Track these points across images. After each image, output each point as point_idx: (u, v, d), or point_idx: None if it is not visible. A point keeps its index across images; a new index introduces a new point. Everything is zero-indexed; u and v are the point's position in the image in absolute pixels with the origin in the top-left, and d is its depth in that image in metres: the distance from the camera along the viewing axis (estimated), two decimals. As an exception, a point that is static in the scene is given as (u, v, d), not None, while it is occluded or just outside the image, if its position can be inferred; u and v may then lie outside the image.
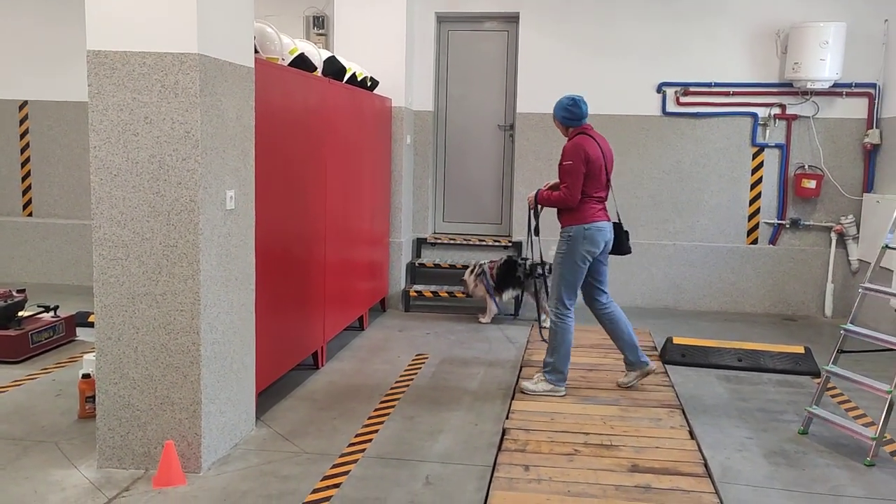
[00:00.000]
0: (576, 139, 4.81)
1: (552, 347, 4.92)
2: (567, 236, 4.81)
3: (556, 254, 4.91)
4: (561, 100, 4.90)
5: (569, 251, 4.80)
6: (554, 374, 4.90)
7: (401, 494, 3.57)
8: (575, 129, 4.88)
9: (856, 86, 7.31)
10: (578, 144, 4.76)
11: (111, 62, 3.53)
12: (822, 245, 7.58)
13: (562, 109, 4.87)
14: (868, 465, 4.00)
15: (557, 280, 4.87)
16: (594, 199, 4.81)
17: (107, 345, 3.68)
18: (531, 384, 4.94)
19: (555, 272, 4.92)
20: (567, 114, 4.86)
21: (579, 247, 4.77)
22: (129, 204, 3.59)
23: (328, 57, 5.62)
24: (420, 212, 8.08)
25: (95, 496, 3.48)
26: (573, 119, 4.86)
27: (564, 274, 4.83)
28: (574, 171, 4.71)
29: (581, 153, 4.72)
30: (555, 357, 4.89)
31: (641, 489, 3.60)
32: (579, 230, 4.77)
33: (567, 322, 4.88)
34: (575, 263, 4.80)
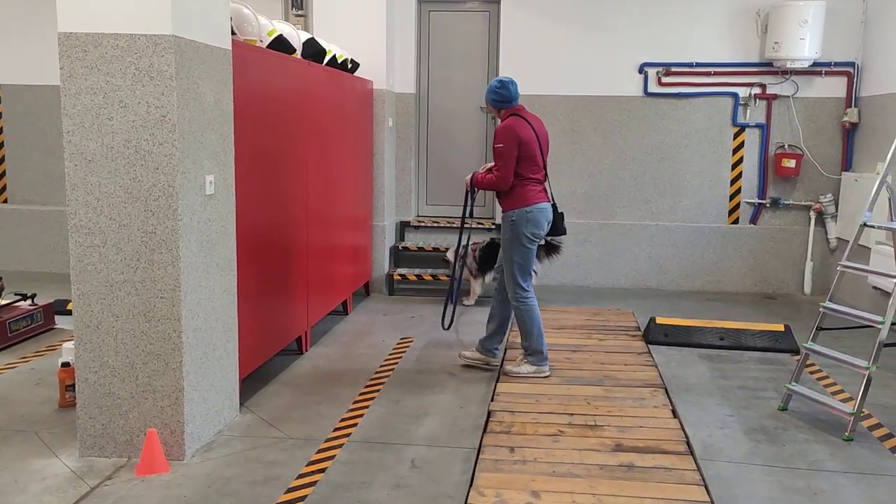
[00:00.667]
0: (507, 121, 4.78)
1: (524, 331, 4.94)
2: (511, 221, 4.80)
3: (502, 240, 4.91)
4: (491, 83, 4.89)
5: (514, 235, 4.80)
6: (534, 355, 4.94)
7: (386, 478, 3.57)
8: (507, 110, 4.85)
9: (835, 65, 7.34)
10: (510, 126, 4.73)
11: (83, 44, 3.45)
12: (802, 224, 7.64)
13: (491, 92, 4.84)
14: (846, 440, 4.06)
15: (510, 265, 4.87)
16: (532, 181, 4.80)
17: (86, 333, 3.64)
18: (514, 367, 4.97)
19: (505, 258, 4.91)
20: (496, 96, 4.83)
21: (524, 229, 4.78)
22: (105, 190, 3.54)
23: (307, 39, 5.55)
24: (403, 195, 8.04)
25: (77, 485, 3.45)
26: (503, 101, 4.84)
27: (514, 258, 4.84)
28: (506, 153, 4.69)
29: (512, 135, 4.70)
30: (530, 340, 4.92)
31: (625, 468, 3.63)
32: (522, 213, 4.77)
33: (529, 303, 4.90)
34: (523, 246, 4.81)
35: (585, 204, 7.82)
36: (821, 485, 3.57)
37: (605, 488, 3.42)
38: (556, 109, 7.75)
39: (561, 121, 7.74)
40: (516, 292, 4.90)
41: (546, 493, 3.38)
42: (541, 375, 4.92)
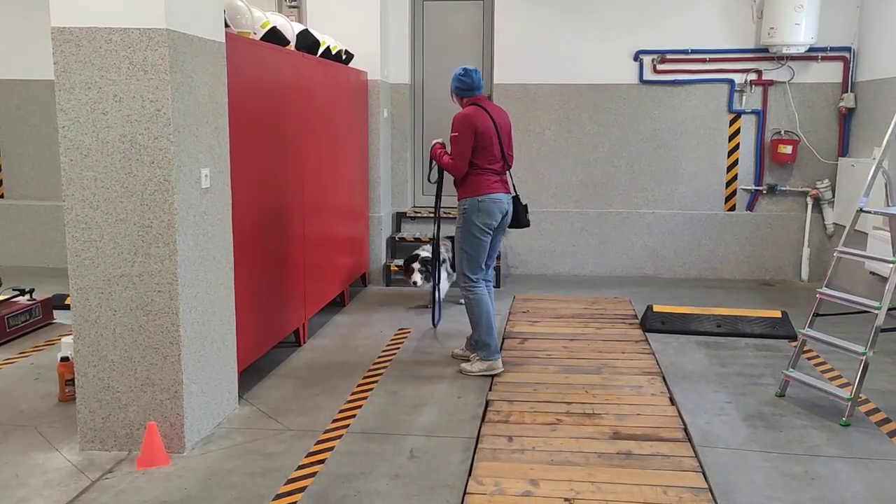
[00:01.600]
0: (466, 110, 4.78)
1: (472, 322, 4.88)
2: (463, 209, 4.80)
3: (455, 228, 4.90)
4: (455, 70, 4.88)
5: (465, 224, 4.78)
6: (483, 349, 4.84)
7: (385, 468, 3.59)
8: (469, 99, 4.84)
9: (831, 50, 7.33)
10: (467, 116, 4.72)
11: (76, 39, 3.44)
12: (799, 210, 7.64)
13: (455, 80, 4.84)
14: (844, 425, 4.08)
15: (459, 254, 4.88)
16: (488, 171, 4.77)
17: (84, 327, 3.64)
18: (468, 366, 4.88)
19: (456, 246, 4.93)
20: (460, 84, 4.83)
21: (475, 218, 4.75)
22: (101, 185, 3.54)
23: (301, 30, 5.53)
24: (399, 186, 8.04)
25: (78, 478, 3.46)
26: (466, 90, 4.83)
27: (464, 247, 4.82)
28: (461, 141, 4.69)
29: (468, 124, 4.69)
30: (478, 331, 4.84)
31: (623, 456, 3.65)
32: (473, 202, 4.75)
33: (478, 293, 4.84)
34: (473, 236, 4.78)
35: (581, 193, 7.82)
36: (818, 470, 3.59)
37: (603, 476, 3.44)
38: (551, 98, 7.74)
39: (556, 109, 7.74)
40: (464, 282, 4.87)
41: (544, 481, 3.40)
42: (493, 372, 4.79)
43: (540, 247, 7.89)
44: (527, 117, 7.76)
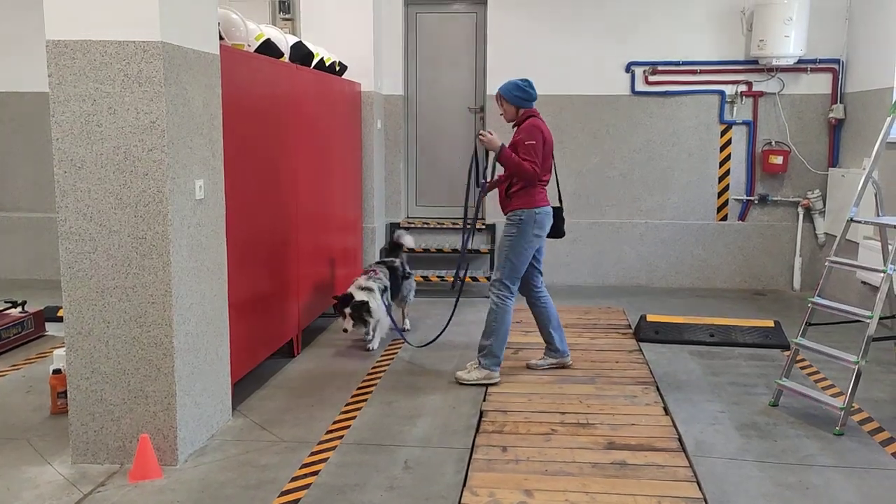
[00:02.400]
0: (532, 120, 4.80)
1: (490, 330, 4.84)
2: (518, 220, 4.78)
3: (504, 237, 4.88)
4: (513, 81, 4.86)
5: (519, 234, 4.78)
6: (489, 358, 4.84)
7: (380, 480, 3.58)
8: (526, 110, 4.86)
9: (820, 61, 7.40)
10: (536, 125, 4.77)
11: (71, 52, 3.45)
12: (790, 220, 7.69)
13: (516, 89, 4.81)
14: (837, 434, 4.09)
15: (504, 263, 4.84)
16: (543, 183, 4.83)
17: (77, 339, 3.63)
18: (465, 374, 4.88)
19: (501, 255, 4.89)
20: (522, 94, 4.82)
21: (530, 230, 4.78)
22: (94, 196, 3.53)
23: (295, 42, 5.56)
24: (392, 196, 8.05)
25: (70, 492, 3.44)
26: (526, 100, 4.84)
27: (511, 257, 4.81)
28: (538, 149, 4.71)
29: (540, 134, 4.74)
30: (492, 340, 4.82)
31: (617, 466, 3.65)
32: (531, 214, 4.77)
33: (508, 305, 4.85)
34: (523, 248, 4.80)
35: (574, 203, 7.84)
36: (812, 479, 3.60)
37: (597, 486, 3.44)
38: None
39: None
40: (501, 290, 4.85)
41: (539, 491, 3.39)
42: (490, 382, 4.80)
43: (533, 257, 7.91)
44: (520, 128, 7.78)
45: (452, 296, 7.32)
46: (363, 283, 5.58)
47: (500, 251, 4.93)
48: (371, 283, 5.58)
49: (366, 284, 5.55)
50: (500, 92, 4.86)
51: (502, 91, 4.85)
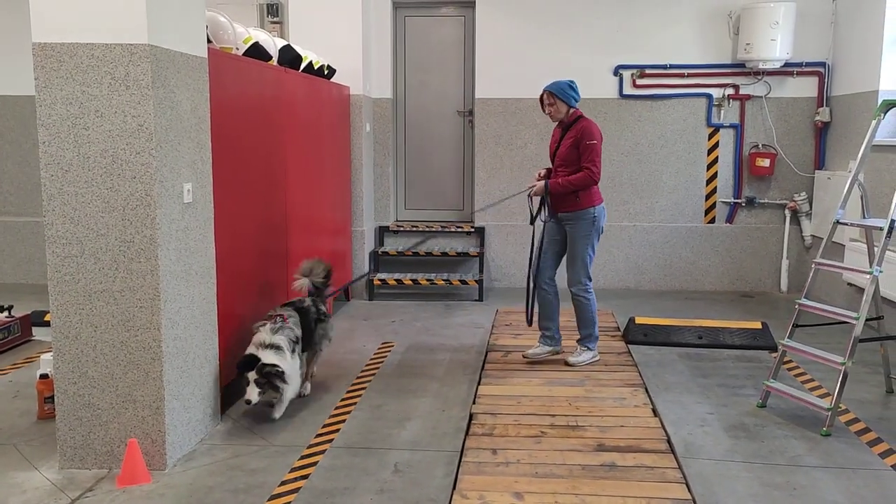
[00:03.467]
0: (588, 121, 5.06)
1: (588, 320, 5.25)
2: (592, 217, 5.09)
3: (578, 235, 5.11)
4: (563, 81, 5.06)
5: (595, 230, 5.12)
6: (593, 341, 5.31)
7: (370, 483, 3.58)
8: (575, 110, 5.09)
9: (806, 65, 7.45)
10: (597, 126, 5.06)
11: (58, 54, 3.43)
12: (777, 222, 7.74)
13: (569, 88, 5.05)
14: (824, 434, 4.12)
15: (583, 259, 5.14)
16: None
17: (64, 344, 3.61)
18: (575, 357, 5.26)
19: (579, 253, 5.14)
20: (573, 93, 5.05)
21: (600, 224, 5.15)
22: (82, 200, 3.52)
23: (283, 45, 5.55)
24: (381, 200, 8.05)
25: (58, 497, 3.42)
26: (576, 99, 5.07)
27: (590, 253, 5.16)
28: (599, 149, 5.01)
29: (599, 134, 5.03)
30: (592, 328, 5.27)
31: (607, 467, 3.66)
32: (601, 209, 5.14)
33: (592, 293, 5.25)
34: (595, 241, 5.17)
35: (564, 206, 7.86)
36: (800, 480, 3.62)
37: (587, 488, 3.45)
38: (532, 112, 7.79)
39: (537, 123, 7.79)
40: (584, 283, 5.18)
41: (529, 494, 3.40)
42: (595, 360, 5.30)
43: (523, 260, 7.90)
44: (508, 131, 7.81)
45: (441, 299, 7.35)
46: (268, 339, 4.24)
47: (577, 251, 5.14)
48: (278, 338, 4.26)
49: (271, 340, 4.23)
50: (551, 90, 5.04)
51: (554, 90, 5.03)
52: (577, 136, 4.98)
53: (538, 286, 5.32)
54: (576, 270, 5.18)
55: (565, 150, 5.05)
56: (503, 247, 7.92)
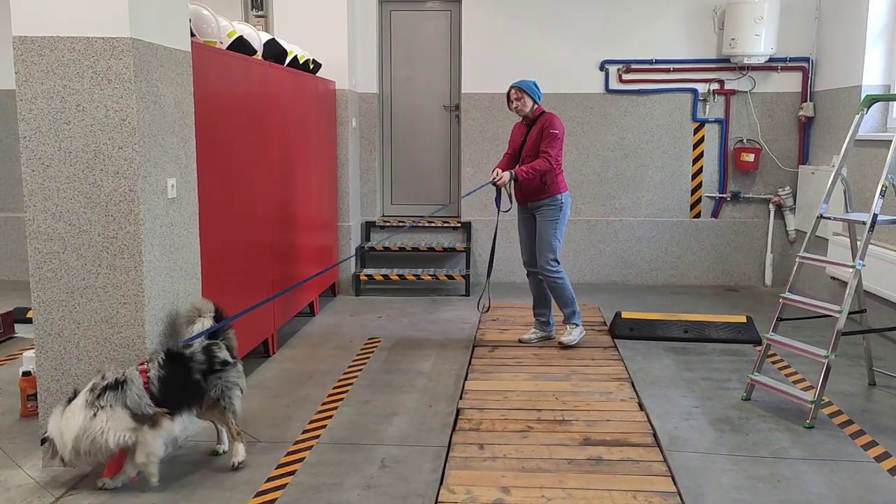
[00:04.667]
0: (551, 114, 5.36)
1: (567, 298, 5.49)
2: (560, 203, 5.38)
3: (545, 221, 5.39)
4: (529, 80, 5.38)
5: (562, 216, 5.41)
6: (577, 317, 5.57)
7: (357, 479, 3.57)
8: (539, 106, 5.40)
9: (790, 60, 7.49)
10: (559, 119, 5.34)
11: (38, 48, 3.39)
12: (762, 217, 7.79)
13: (536, 87, 5.36)
14: (808, 427, 4.15)
15: (549, 242, 5.39)
16: (560, 169, 5.42)
17: (47, 341, 3.57)
18: (567, 337, 5.52)
19: (545, 236, 5.39)
20: (539, 91, 5.39)
21: (567, 209, 5.43)
22: (64, 195, 3.48)
23: (268, 39, 5.51)
24: (368, 195, 8.03)
25: (41, 496, 3.39)
26: (540, 98, 5.42)
27: (557, 237, 5.42)
28: (561, 139, 5.31)
29: (561, 125, 5.32)
30: (573, 304, 5.53)
31: (593, 461, 3.67)
32: (566, 196, 5.43)
33: (564, 274, 5.49)
34: (562, 226, 5.43)
35: (550, 201, 7.87)
36: (784, 472, 3.65)
37: (574, 482, 3.46)
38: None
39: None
40: (552, 265, 5.40)
41: (516, 488, 3.40)
42: (583, 334, 5.61)
43: (509, 255, 7.92)
44: (495, 126, 7.81)
45: (428, 295, 7.35)
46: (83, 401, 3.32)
47: (544, 234, 5.40)
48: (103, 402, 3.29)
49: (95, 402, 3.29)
50: (520, 86, 5.32)
51: (524, 86, 5.32)
52: (541, 127, 5.28)
53: (531, 274, 5.64)
54: (543, 254, 5.43)
55: (531, 143, 5.35)
56: (490, 242, 7.90)
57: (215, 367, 3.63)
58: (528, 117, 5.39)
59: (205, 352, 3.62)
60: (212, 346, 3.67)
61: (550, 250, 5.40)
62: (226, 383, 3.66)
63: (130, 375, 3.37)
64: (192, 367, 3.56)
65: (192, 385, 3.55)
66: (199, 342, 3.66)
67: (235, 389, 3.71)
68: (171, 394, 3.44)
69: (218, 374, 3.64)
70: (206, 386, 3.59)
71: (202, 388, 3.59)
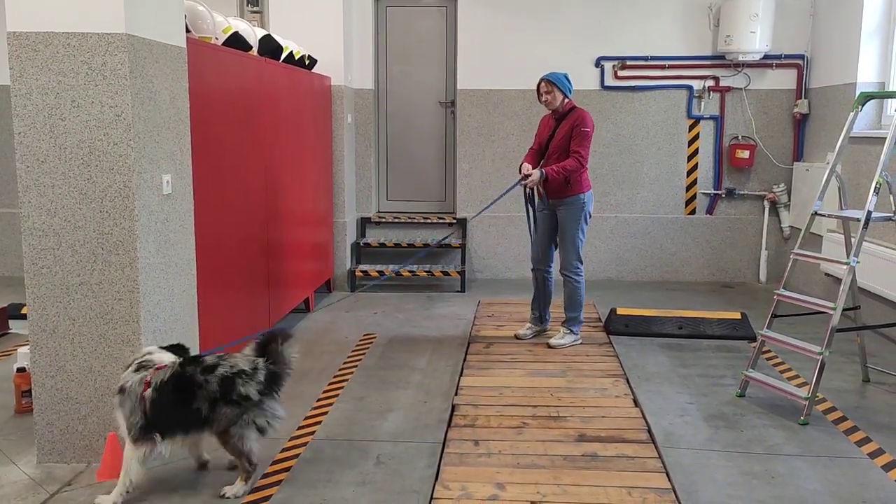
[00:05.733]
0: (582, 110, 5.28)
1: (576, 303, 5.46)
2: (581, 203, 5.31)
3: (568, 221, 5.34)
4: (560, 73, 5.29)
5: (583, 216, 5.34)
6: (577, 325, 5.51)
7: (352, 475, 3.57)
8: (570, 100, 5.33)
9: (785, 57, 7.51)
10: (590, 116, 5.26)
11: (33, 44, 3.38)
12: (756, 213, 7.81)
13: (566, 80, 5.28)
14: (802, 423, 4.17)
15: (574, 243, 5.36)
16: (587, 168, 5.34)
17: (41, 337, 3.57)
18: (557, 340, 5.44)
19: (570, 237, 5.35)
20: (570, 84, 5.32)
21: (590, 209, 5.38)
22: (58, 191, 3.47)
23: (263, 35, 5.50)
24: (363, 191, 8.02)
25: (36, 492, 3.38)
26: (570, 91, 5.33)
27: (580, 236, 5.38)
28: (591, 136, 5.23)
29: (591, 122, 5.25)
30: (580, 310, 5.49)
31: (588, 458, 3.68)
32: (589, 195, 5.36)
33: (583, 278, 5.46)
34: (584, 226, 5.38)
35: (546, 197, 7.88)
36: (778, 468, 3.66)
37: (568, 478, 3.47)
38: (514, 103, 7.80)
39: (519, 114, 7.79)
40: (577, 267, 5.39)
41: (511, 484, 3.41)
42: (576, 343, 5.49)
43: (504, 251, 7.94)
44: (490, 123, 7.81)
45: (424, 291, 7.34)
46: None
47: (567, 234, 5.36)
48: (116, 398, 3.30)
49: None
50: (550, 79, 5.23)
51: (554, 79, 5.22)
52: (572, 124, 5.19)
53: (537, 271, 5.60)
54: (567, 254, 5.38)
55: (560, 139, 5.26)
56: (485, 238, 7.93)
57: (231, 399, 3.27)
58: (558, 111, 5.29)
59: (222, 382, 3.26)
60: (237, 377, 3.28)
61: (575, 251, 5.36)
62: (241, 420, 3.30)
63: (130, 388, 3.22)
64: (196, 394, 3.25)
65: (192, 413, 3.25)
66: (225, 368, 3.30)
67: (249, 429, 3.32)
68: (165, 418, 3.22)
69: (233, 407, 3.28)
70: (210, 417, 3.26)
71: (204, 418, 3.27)
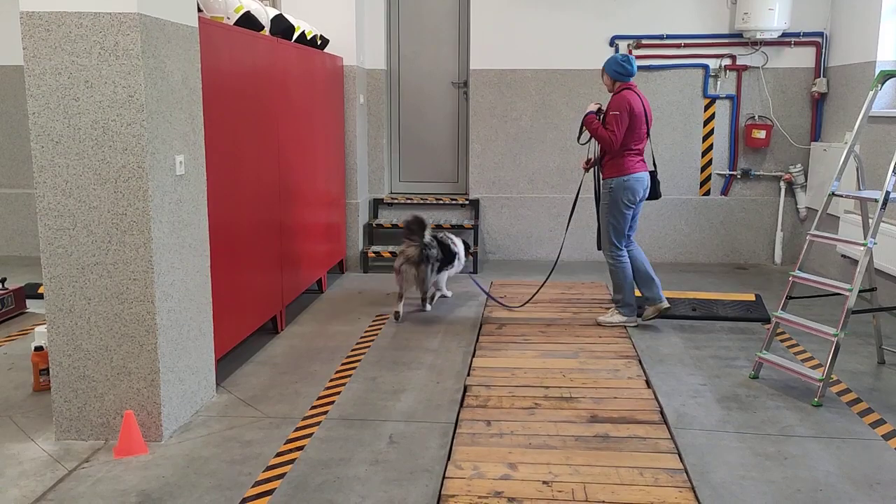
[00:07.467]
0: (623, 93, 5.28)
1: (617, 285, 5.50)
2: (609, 188, 5.37)
3: (602, 204, 5.49)
4: (614, 56, 5.38)
5: (612, 201, 5.37)
6: (626, 307, 5.50)
7: (365, 454, 3.60)
8: (623, 84, 5.34)
9: (803, 35, 7.39)
10: (624, 97, 5.25)
11: (46, 23, 3.38)
12: (772, 194, 7.73)
13: (614, 64, 5.32)
14: (816, 405, 4.16)
15: (606, 227, 5.45)
16: (634, 152, 5.32)
17: (58, 317, 3.60)
18: (607, 318, 5.53)
19: (602, 220, 5.50)
20: (619, 68, 5.31)
21: (621, 196, 5.33)
22: (73, 172, 3.49)
23: (275, 15, 5.48)
24: (375, 172, 8.01)
25: (55, 468, 3.43)
26: (623, 75, 5.32)
27: (611, 221, 5.42)
28: (620, 121, 5.20)
29: (626, 105, 5.20)
30: (623, 293, 5.48)
31: (600, 438, 3.69)
32: (619, 182, 5.32)
33: (623, 260, 5.47)
34: (620, 212, 5.38)
35: (558, 178, 7.85)
36: (791, 450, 3.65)
37: (580, 459, 3.48)
38: (528, 84, 7.74)
39: (533, 95, 7.74)
40: (611, 250, 5.46)
41: (523, 464, 3.43)
42: (631, 325, 5.49)
43: (517, 232, 7.92)
44: (503, 103, 7.76)
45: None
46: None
47: (602, 218, 5.51)
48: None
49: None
50: (603, 64, 5.40)
51: (604, 65, 5.39)
52: (610, 106, 5.31)
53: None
54: (603, 237, 5.55)
55: (591, 116, 5.44)
56: (497, 219, 7.91)
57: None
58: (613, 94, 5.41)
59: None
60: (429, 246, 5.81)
61: (607, 234, 5.46)
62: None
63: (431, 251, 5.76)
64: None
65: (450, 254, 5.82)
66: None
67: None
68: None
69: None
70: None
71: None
